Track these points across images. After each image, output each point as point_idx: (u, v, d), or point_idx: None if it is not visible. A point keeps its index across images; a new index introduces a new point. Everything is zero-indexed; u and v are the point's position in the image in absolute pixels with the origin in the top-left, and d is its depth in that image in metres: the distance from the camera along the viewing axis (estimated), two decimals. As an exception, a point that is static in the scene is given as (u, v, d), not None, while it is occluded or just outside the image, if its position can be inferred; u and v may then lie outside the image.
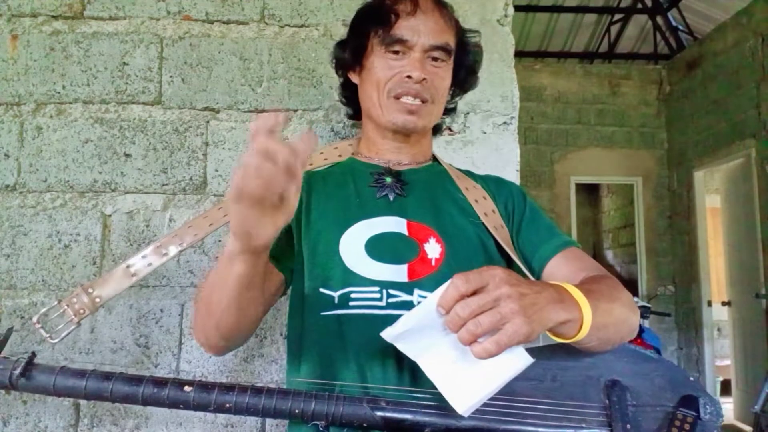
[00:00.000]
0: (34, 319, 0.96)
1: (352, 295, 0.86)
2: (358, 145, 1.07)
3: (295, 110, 1.40)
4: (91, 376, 0.78)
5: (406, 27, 0.93)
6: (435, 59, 0.95)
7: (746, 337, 4.72)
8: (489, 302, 0.62)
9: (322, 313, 0.87)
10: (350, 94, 1.07)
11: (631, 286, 6.00)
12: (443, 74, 0.97)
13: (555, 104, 5.78)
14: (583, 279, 0.85)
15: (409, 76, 0.92)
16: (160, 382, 0.77)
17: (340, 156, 1.06)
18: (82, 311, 0.96)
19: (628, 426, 0.75)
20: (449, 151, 1.40)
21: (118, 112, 1.37)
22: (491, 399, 0.69)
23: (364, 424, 0.75)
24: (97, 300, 0.98)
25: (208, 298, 0.82)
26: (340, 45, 1.05)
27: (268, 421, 1.32)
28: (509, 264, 0.95)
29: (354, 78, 1.03)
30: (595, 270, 0.89)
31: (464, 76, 1.04)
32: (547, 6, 5.79)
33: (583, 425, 0.76)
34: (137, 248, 1.34)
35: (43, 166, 1.35)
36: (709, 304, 5.18)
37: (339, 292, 0.87)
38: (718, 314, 5.25)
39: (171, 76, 1.39)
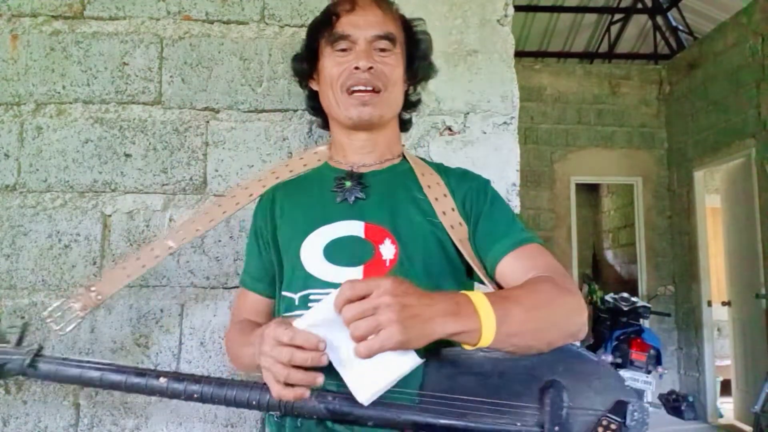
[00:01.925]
0: (46, 314, 1.05)
1: (311, 297, 0.92)
2: (331, 151, 1.10)
3: (295, 110, 1.40)
4: (86, 366, 0.90)
5: (347, 23, 0.98)
6: (382, 50, 0.98)
7: (746, 337, 4.72)
8: (368, 309, 0.67)
9: (285, 314, 0.94)
10: (316, 104, 1.09)
11: (631, 286, 6.00)
12: (391, 62, 0.99)
13: (555, 104, 5.78)
14: (523, 282, 0.86)
15: (356, 67, 0.96)
16: (141, 373, 0.88)
17: (319, 161, 1.10)
18: (86, 307, 1.06)
19: (557, 428, 0.77)
20: (449, 151, 1.40)
21: (118, 112, 1.37)
22: (433, 394, 0.78)
23: (314, 416, 0.81)
24: (99, 298, 1.06)
25: (232, 353, 1.02)
26: (297, 58, 1.09)
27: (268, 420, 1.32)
28: (470, 270, 0.96)
29: (314, 86, 1.07)
30: (547, 269, 0.88)
31: (418, 64, 1.06)
32: (547, 6, 5.79)
33: (518, 423, 0.79)
34: (137, 248, 1.34)
35: (43, 166, 1.35)
36: (709, 304, 5.18)
37: (299, 294, 0.93)
38: (718, 314, 5.25)
39: (171, 76, 1.39)
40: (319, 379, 0.74)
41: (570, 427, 0.79)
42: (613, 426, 0.78)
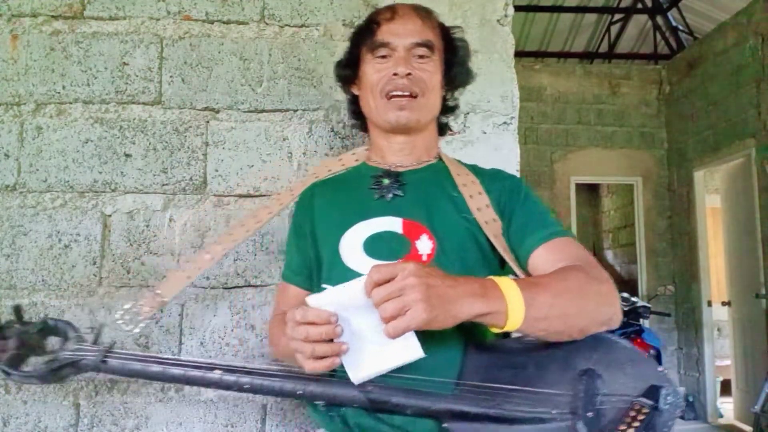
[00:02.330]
0: (118, 315, 1.11)
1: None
2: (369, 152, 1.14)
3: (295, 110, 1.40)
4: (148, 362, 0.95)
5: (387, 31, 1.02)
6: (420, 57, 1.02)
7: (746, 337, 4.72)
8: (395, 291, 0.71)
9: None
10: (356, 108, 1.13)
11: (631, 286, 6.00)
12: (430, 68, 1.02)
13: (555, 104, 5.77)
14: (553, 270, 0.89)
15: (395, 74, 1.00)
16: (198, 366, 0.92)
17: (356, 161, 1.15)
18: (152, 309, 1.12)
19: (590, 413, 0.79)
20: (449, 151, 1.39)
21: (118, 112, 1.37)
22: (469, 383, 0.82)
23: (355, 404, 0.85)
24: (163, 300, 1.13)
25: (273, 345, 1.07)
26: (339, 64, 1.13)
27: (268, 420, 1.32)
28: (504, 264, 0.98)
29: (356, 90, 1.11)
30: (578, 260, 0.90)
31: (456, 71, 1.09)
32: (547, 6, 5.79)
33: (553, 411, 0.81)
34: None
35: (43, 166, 1.35)
36: (709, 304, 5.18)
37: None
38: (718, 314, 5.25)
39: (171, 76, 1.39)
40: (344, 346, 0.78)
41: (604, 413, 0.80)
42: (645, 410, 0.79)
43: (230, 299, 1.34)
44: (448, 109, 1.12)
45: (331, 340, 0.78)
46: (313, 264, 1.05)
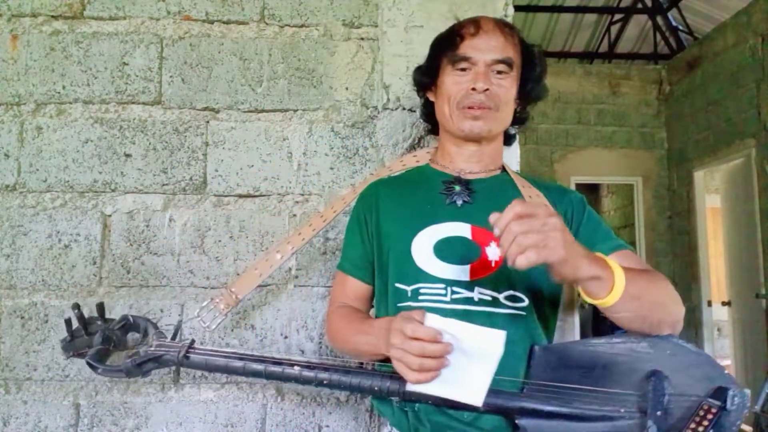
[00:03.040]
0: (196, 313, 1.17)
1: (422, 290, 1.00)
2: (435, 154, 1.18)
3: (295, 110, 1.40)
4: (231, 356, 0.99)
5: (469, 46, 1.05)
6: (498, 72, 1.05)
7: (746, 337, 4.72)
8: (539, 224, 0.76)
9: (399, 305, 1.01)
10: (430, 111, 1.18)
11: (631, 286, 5.99)
12: (506, 84, 1.06)
13: (555, 104, 5.77)
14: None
15: (473, 88, 1.03)
16: (277, 362, 0.97)
17: (417, 161, 1.20)
18: (228, 306, 1.18)
19: (659, 413, 0.82)
20: (449, 151, 1.40)
21: (118, 112, 1.37)
22: (537, 382, 0.87)
23: (429, 401, 0.90)
24: (238, 297, 1.19)
25: (339, 337, 1.08)
26: (419, 69, 1.16)
27: (268, 420, 1.32)
28: None
29: (431, 97, 1.15)
30: (646, 268, 0.98)
31: (531, 87, 1.13)
32: (547, 6, 5.78)
33: (622, 410, 0.84)
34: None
35: (43, 166, 1.35)
36: (709, 304, 5.18)
37: (411, 287, 1.01)
38: (718, 314, 5.25)
39: (171, 76, 1.39)
40: (446, 361, 0.82)
41: (672, 412, 0.84)
42: (713, 410, 0.83)
43: (230, 299, 1.34)
44: (517, 120, 1.16)
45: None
46: (373, 258, 1.09)
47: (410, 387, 0.84)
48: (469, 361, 0.80)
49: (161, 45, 1.40)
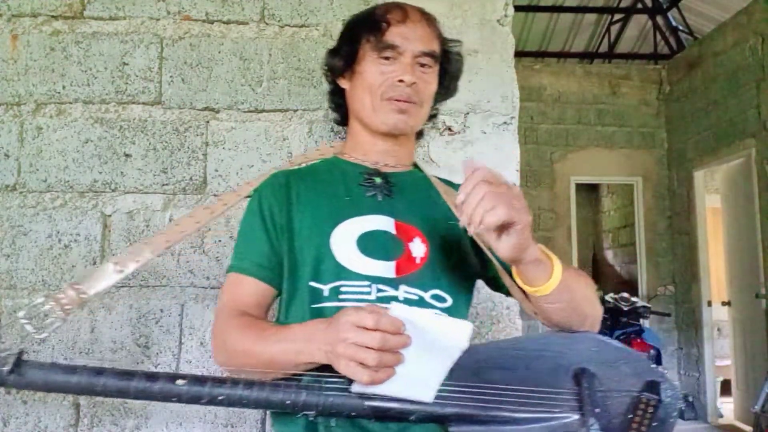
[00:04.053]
0: (21, 314, 0.93)
1: (343, 288, 0.90)
2: (343, 147, 1.10)
3: (295, 110, 1.40)
4: (83, 371, 0.80)
5: (396, 34, 0.98)
6: (423, 65, 1.00)
7: (746, 337, 4.72)
8: (505, 188, 0.75)
9: (313, 306, 0.90)
10: (339, 100, 1.10)
11: (631, 286, 6.00)
12: (430, 79, 1.02)
13: (555, 104, 5.77)
14: None
15: (401, 80, 0.97)
16: (152, 377, 0.79)
17: (322, 155, 1.12)
18: (69, 307, 0.96)
19: (597, 410, 0.80)
20: (449, 151, 1.40)
21: (118, 112, 1.37)
22: (470, 388, 0.81)
23: (353, 413, 0.79)
24: (83, 296, 0.97)
25: (242, 349, 0.88)
26: (332, 52, 1.08)
27: (268, 420, 1.32)
28: (485, 264, 1.00)
29: (343, 83, 1.07)
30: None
31: (448, 83, 1.09)
32: (547, 6, 5.78)
33: (557, 410, 0.81)
34: (131, 244, 1.34)
35: (43, 166, 1.35)
36: (709, 304, 5.18)
37: (329, 286, 0.91)
38: (718, 314, 5.25)
39: (171, 76, 1.39)
40: (402, 357, 0.75)
41: (608, 409, 0.82)
42: (652, 403, 0.82)
43: (230, 299, 1.34)
44: (429, 116, 1.10)
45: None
46: (282, 258, 0.96)
47: (356, 388, 0.76)
48: (429, 355, 0.75)
49: (161, 45, 1.40)
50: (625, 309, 4.47)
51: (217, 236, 1.36)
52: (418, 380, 0.76)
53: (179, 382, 0.77)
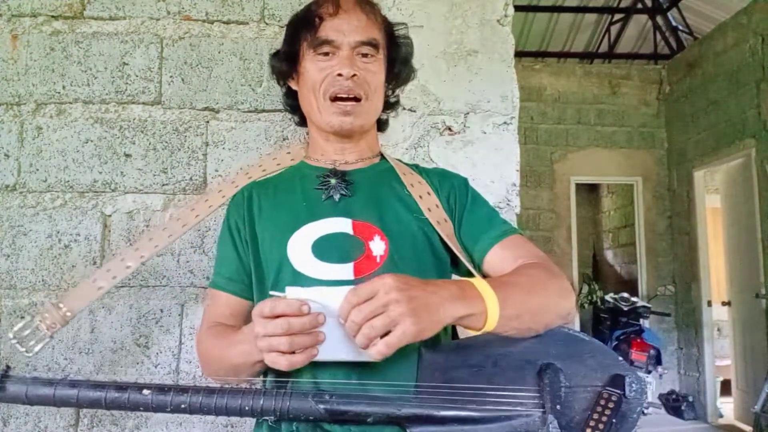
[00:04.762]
0: (10, 335, 1.00)
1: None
2: (307, 148, 1.10)
3: (295, 110, 1.40)
4: (59, 384, 0.83)
5: (330, 28, 0.96)
6: (364, 55, 0.98)
7: (746, 337, 4.72)
8: (379, 307, 0.70)
9: None
10: (293, 102, 1.09)
11: (631, 286, 6.00)
12: (374, 69, 0.99)
13: (555, 104, 5.78)
14: (515, 269, 0.90)
15: (339, 74, 0.95)
16: (122, 387, 0.83)
17: (292, 160, 1.10)
18: (53, 325, 1.01)
19: (559, 406, 0.79)
20: (449, 151, 1.40)
21: (118, 112, 1.37)
22: (432, 388, 0.80)
23: (311, 417, 0.80)
24: (68, 314, 1.02)
25: (212, 358, 0.95)
26: (276, 55, 1.08)
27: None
28: (454, 257, 0.98)
29: (293, 85, 1.06)
30: (533, 257, 0.92)
31: (399, 69, 1.06)
32: (547, 6, 5.79)
33: (519, 407, 0.80)
34: (106, 261, 1.34)
35: (43, 166, 1.35)
36: (709, 304, 5.18)
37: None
38: (718, 314, 5.25)
39: (171, 76, 1.39)
40: (321, 336, 0.76)
41: (571, 405, 0.80)
42: (613, 398, 0.80)
43: (230, 299, 1.34)
44: (388, 105, 1.09)
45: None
46: (251, 271, 0.98)
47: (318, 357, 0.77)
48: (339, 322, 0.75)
49: (161, 45, 1.40)
50: (625, 309, 4.48)
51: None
52: (341, 344, 0.76)
53: (145, 392, 0.81)
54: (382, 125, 1.13)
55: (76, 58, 1.38)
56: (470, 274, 0.94)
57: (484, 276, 0.94)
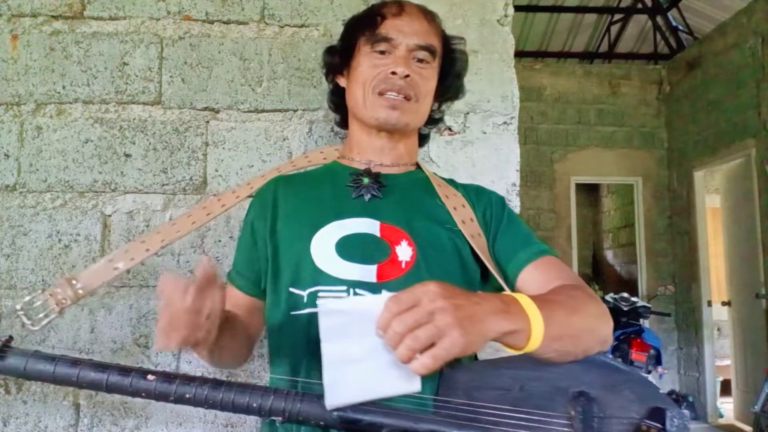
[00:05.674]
0: (18, 307, 0.97)
1: (320, 294, 0.88)
2: (343, 149, 1.09)
3: (295, 110, 1.40)
4: (60, 361, 0.80)
5: (391, 26, 0.96)
6: (420, 60, 0.97)
7: (746, 337, 4.73)
8: (424, 316, 0.63)
9: (293, 313, 0.89)
10: (338, 100, 1.08)
11: (631, 286, 6.00)
12: (427, 75, 0.98)
13: (555, 104, 5.78)
14: (553, 288, 0.85)
15: (393, 72, 0.94)
16: (125, 370, 0.79)
17: (325, 159, 1.09)
18: (64, 301, 0.97)
19: None
20: (449, 151, 1.40)
21: (118, 112, 1.37)
22: (457, 406, 0.74)
23: (321, 422, 0.75)
24: (80, 291, 0.98)
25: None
26: (330, 50, 1.07)
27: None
28: (484, 272, 0.95)
29: (342, 81, 1.05)
30: (569, 279, 0.89)
31: (451, 83, 1.05)
32: (547, 6, 5.79)
33: None
34: (127, 241, 1.34)
35: (43, 166, 1.35)
36: (709, 304, 5.18)
37: (308, 291, 0.89)
38: (718, 314, 5.25)
39: (171, 76, 1.39)
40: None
41: None
42: (653, 431, 0.76)
43: (230, 299, 1.34)
44: (431, 120, 1.08)
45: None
46: (265, 266, 0.96)
47: (331, 402, 0.70)
48: (382, 342, 0.67)
49: (161, 45, 1.40)
50: (625, 309, 4.47)
51: (217, 236, 1.36)
52: (392, 373, 0.67)
53: (149, 377, 0.78)
54: (422, 139, 1.12)
55: (76, 58, 1.38)
56: (500, 291, 0.91)
57: None
